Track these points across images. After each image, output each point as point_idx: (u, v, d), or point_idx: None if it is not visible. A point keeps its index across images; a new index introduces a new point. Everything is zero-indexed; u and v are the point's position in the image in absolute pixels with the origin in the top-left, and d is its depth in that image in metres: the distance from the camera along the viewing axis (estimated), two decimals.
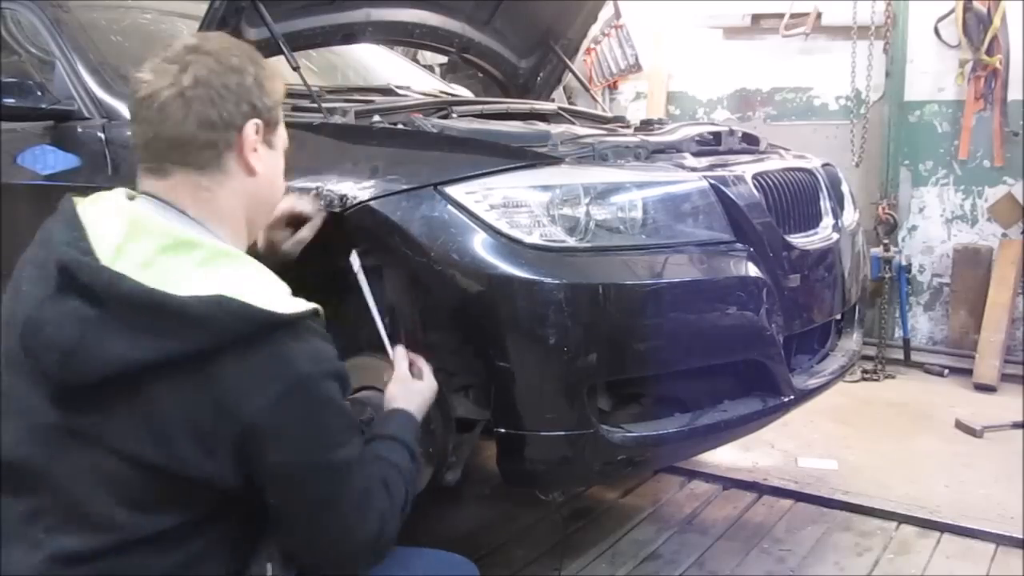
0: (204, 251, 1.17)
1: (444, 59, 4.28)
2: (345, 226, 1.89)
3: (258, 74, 1.26)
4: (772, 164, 2.29)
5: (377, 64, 3.38)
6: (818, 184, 2.41)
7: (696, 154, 2.21)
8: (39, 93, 2.39)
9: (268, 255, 1.65)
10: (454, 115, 2.37)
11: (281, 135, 1.34)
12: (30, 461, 1.15)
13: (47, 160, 2.40)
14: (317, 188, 1.87)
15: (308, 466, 1.18)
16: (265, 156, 1.29)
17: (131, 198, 1.26)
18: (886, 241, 4.29)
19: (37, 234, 1.24)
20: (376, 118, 2.15)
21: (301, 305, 1.19)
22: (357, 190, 1.83)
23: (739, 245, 1.97)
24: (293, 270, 2.14)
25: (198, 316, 1.10)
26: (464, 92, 3.38)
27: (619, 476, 2.55)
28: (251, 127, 1.25)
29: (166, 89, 1.20)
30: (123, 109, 2.35)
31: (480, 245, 1.74)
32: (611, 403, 1.89)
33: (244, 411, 1.11)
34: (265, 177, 1.30)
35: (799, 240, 2.17)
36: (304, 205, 1.73)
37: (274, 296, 1.17)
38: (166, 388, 1.11)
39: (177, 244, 1.16)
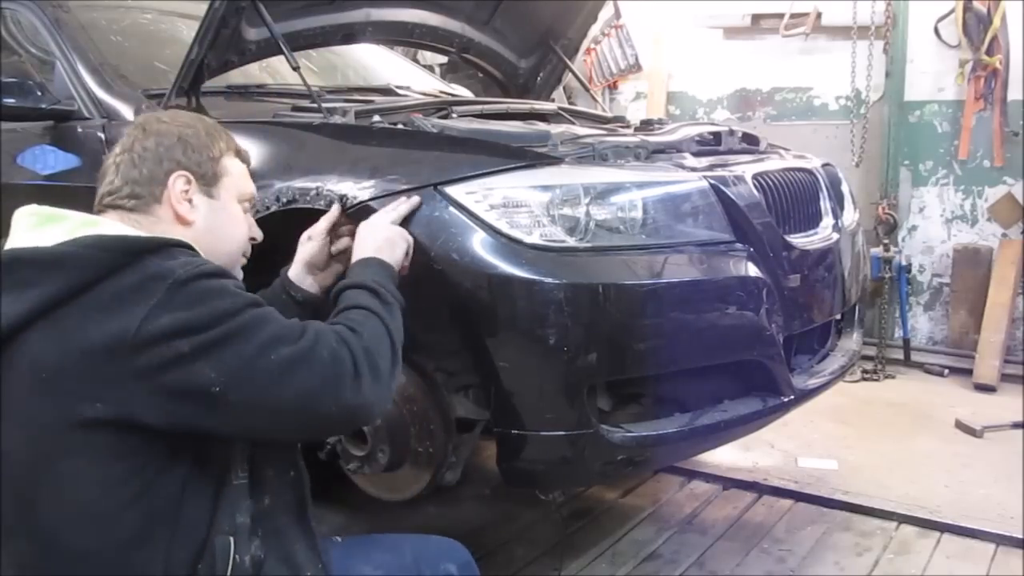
0: (74, 221, 1.25)
1: (444, 59, 4.28)
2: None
3: (183, 133, 1.39)
4: (772, 164, 2.29)
5: (377, 64, 3.38)
6: (818, 184, 2.41)
7: (696, 154, 2.20)
8: (39, 93, 2.39)
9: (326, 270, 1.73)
10: (454, 115, 2.36)
11: (228, 187, 1.43)
12: None
13: (47, 160, 2.40)
14: (317, 188, 1.87)
15: (219, 343, 1.18)
16: (203, 207, 1.39)
17: None
18: (886, 241, 4.29)
19: None
20: (376, 118, 2.15)
21: (169, 239, 1.27)
22: (357, 190, 1.83)
23: (739, 245, 1.96)
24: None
25: (58, 256, 1.17)
26: (464, 92, 3.38)
27: (619, 476, 2.55)
28: (176, 179, 1.36)
29: (106, 162, 1.39)
30: (123, 109, 2.35)
31: (480, 245, 1.74)
32: (611, 403, 1.89)
33: (127, 329, 1.13)
34: (203, 227, 1.39)
35: (799, 240, 2.17)
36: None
37: (136, 232, 1.26)
38: (50, 337, 1.15)
39: (49, 218, 1.25)
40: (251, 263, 2.04)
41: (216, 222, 1.41)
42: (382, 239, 1.59)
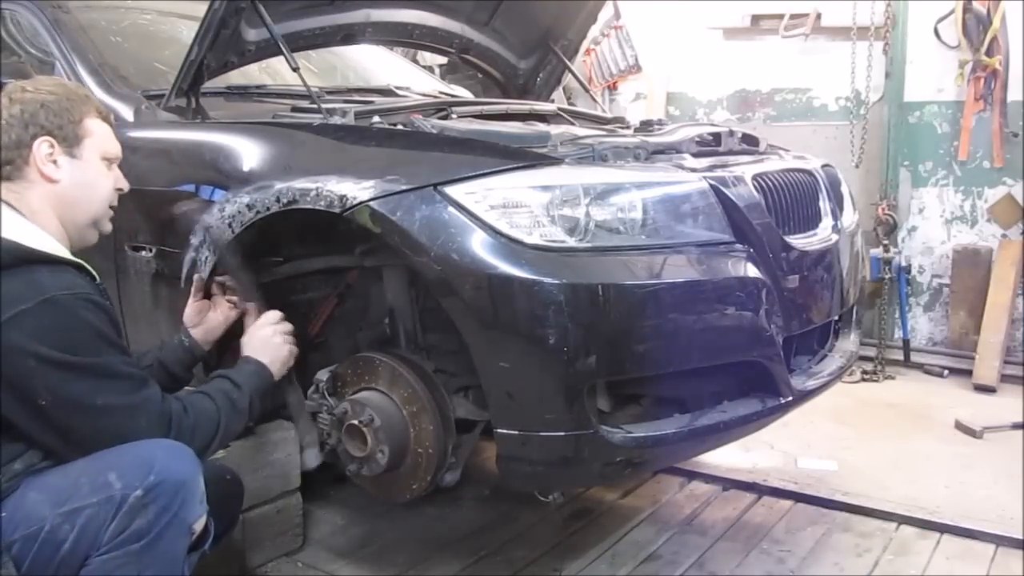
0: None
1: (444, 60, 4.28)
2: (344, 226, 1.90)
3: (45, 100, 1.59)
4: (772, 165, 2.29)
5: (377, 65, 3.38)
6: (817, 185, 2.41)
7: (696, 155, 2.20)
8: None
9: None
10: (454, 116, 2.37)
11: (90, 146, 1.63)
12: None
13: None
14: (317, 188, 1.88)
15: (63, 368, 1.41)
16: (67, 166, 1.61)
17: None
18: (886, 242, 4.29)
19: None
20: (376, 119, 2.16)
21: (66, 254, 1.52)
22: (357, 190, 1.83)
23: (739, 246, 1.96)
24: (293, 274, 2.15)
25: None
26: (464, 93, 3.38)
27: (619, 477, 2.55)
28: (40, 143, 1.57)
29: None
30: (123, 109, 2.35)
31: (480, 245, 1.74)
32: (611, 403, 1.89)
33: None
34: (69, 184, 1.61)
35: (798, 241, 2.17)
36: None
37: (41, 241, 1.49)
38: None
39: None
40: (251, 260, 2.06)
41: (81, 178, 1.62)
42: (260, 340, 1.87)
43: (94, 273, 1.57)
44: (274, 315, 1.93)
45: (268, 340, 1.87)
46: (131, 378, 1.51)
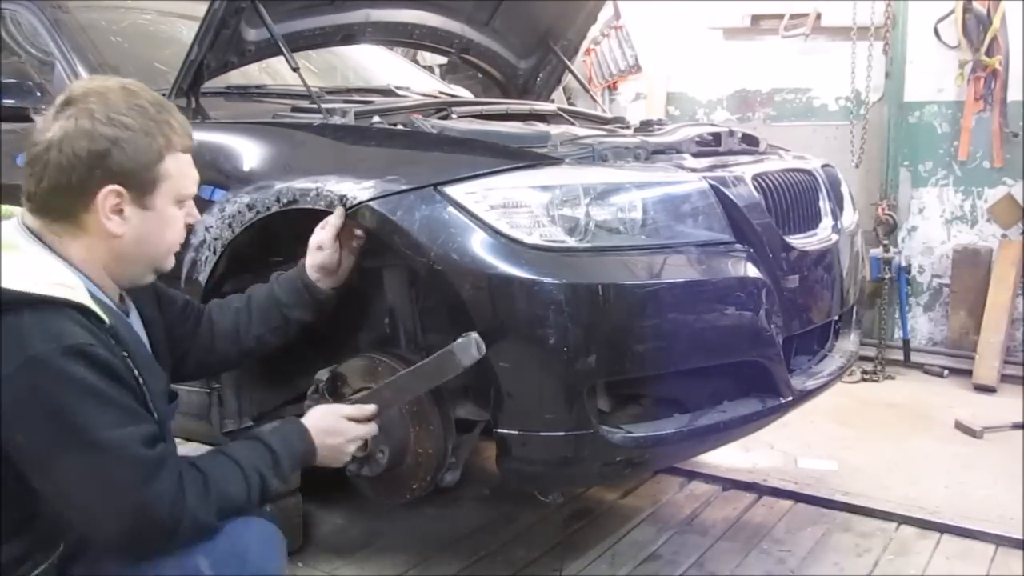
0: None
1: (444, 60, 4.28)
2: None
3: (120, 136, 1.27)
4: (772, 165, 2.29)
5: (377, 65, 3.38)
6: (817, 185, 2.41)
7: (696, 155, 2.21)
8: (39, 94, 2.40)
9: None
10: (454, 116, 2.37)
11: (165, 192, 1.34)
12: None
13: None
14: (317, 188, 1.88)
15: (48, 445, 1.18)
16: (135, 218, 1.31)
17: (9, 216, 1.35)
18: (886, 242, 4.29)
19: None
20: (376, 119, 2.16)
21: (61, 292, 1.20)
22: (357, 190, 1.83)
23: (739, 246, 1.96)
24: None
25: None
26: (464, 93, 3.38)
27: (619, 477, 2.55)
28: (106, 195, 1.27)
29: (36, 148, 1.29)
30: None
31: (480, 245, 1.74)
32: (611, 403, 1.89)
33: None
34: (132, 239, 1.32)
35: (798, 241, 2.17)
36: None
37: (32, 279, 1.19)
38: None
39: None
40: (250, 262, 2.05)
41: (147, 231, 1.34)
42: (329, 429, 1.57)
43: (101, 315, 1.24)
44: (369, 430, 1.66)
45: (337, 447, 1.59)
46: (136, 465, 1.22)
